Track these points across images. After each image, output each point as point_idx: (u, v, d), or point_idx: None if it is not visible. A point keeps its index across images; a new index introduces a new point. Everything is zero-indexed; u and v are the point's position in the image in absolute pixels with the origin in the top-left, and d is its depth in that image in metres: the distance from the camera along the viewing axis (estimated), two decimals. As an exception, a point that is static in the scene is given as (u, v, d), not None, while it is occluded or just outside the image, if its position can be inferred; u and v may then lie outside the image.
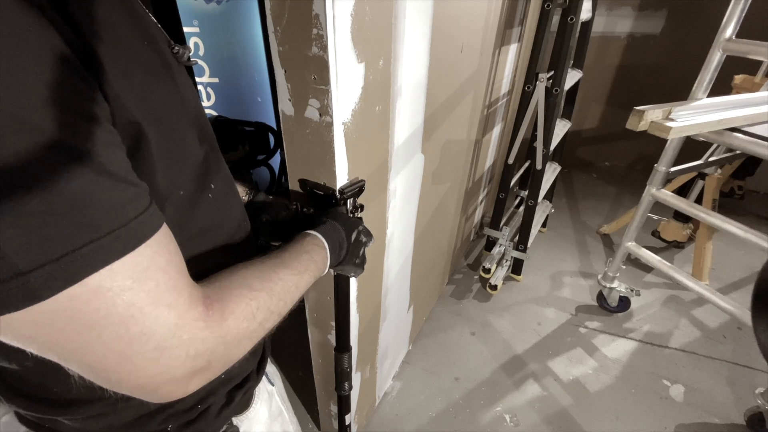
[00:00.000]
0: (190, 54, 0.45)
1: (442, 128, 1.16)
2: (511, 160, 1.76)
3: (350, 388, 0.85)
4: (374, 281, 1.00)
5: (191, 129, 0.38)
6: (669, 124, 1.13)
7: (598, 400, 1.45)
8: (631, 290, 1.73)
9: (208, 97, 2.27)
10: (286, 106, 0.66)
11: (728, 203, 2.54)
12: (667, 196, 1.44)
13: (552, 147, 1.68)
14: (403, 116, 0.87)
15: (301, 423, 1.40)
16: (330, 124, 0.63)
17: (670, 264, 1.52)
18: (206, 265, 0.42)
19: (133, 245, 0.27)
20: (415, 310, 1.50)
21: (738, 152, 1.67)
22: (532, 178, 1.71)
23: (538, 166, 1.67)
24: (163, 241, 0.30)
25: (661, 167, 1.44)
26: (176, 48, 0.38)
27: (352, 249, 0.60)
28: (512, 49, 1.72)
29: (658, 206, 1.55)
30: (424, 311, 1.69)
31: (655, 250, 2.17)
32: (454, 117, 1.25)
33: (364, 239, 0.63)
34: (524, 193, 2.25)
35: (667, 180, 1.51)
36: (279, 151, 1.87)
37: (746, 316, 1.34)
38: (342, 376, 0.83)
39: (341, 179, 0.69)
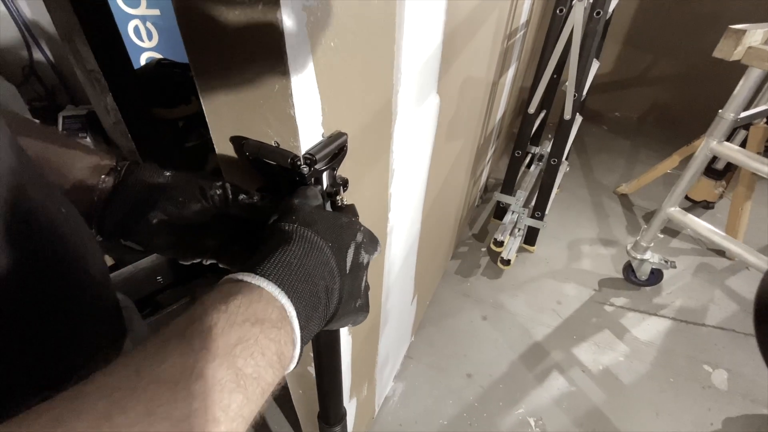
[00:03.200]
0: None
1: (461, 59, 0.81)
2: (532, 109, 1.42)
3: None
4: (372, 289, 0.69)
5: None
6: (775, 50, 0.81)
7: (633, 393, 1.24)
8: (666, 261, 1.48)
9: (149, 36, 1.80)
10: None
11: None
12: (733, 151, 1.15)
13: (585, 90, 1.34)
14: (413, 26, 0.52)
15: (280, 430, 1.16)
16: (274, 5, 0.28)
17: (723, 234, 1.27)
18: None
19: None
20: (419, 299, 1.22)
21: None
22: (558, 131, 1.39)
23: (567, 116, 1.34)
24: None
25: (728, 114, 1.13)
26: None
27: (348, 284, 0.29)
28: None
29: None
30: (427, 296, 1.41)
31: (679, 212, 1.93)
32: (476, 44, 0.90)
33: (365, 258, 0.31)
34: (536, 150, 1.94)
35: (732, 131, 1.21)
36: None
37: None
38: None
39: (309, 134, 0.35)
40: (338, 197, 0.37)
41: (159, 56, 1.78)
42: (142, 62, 1.80)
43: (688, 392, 1.25)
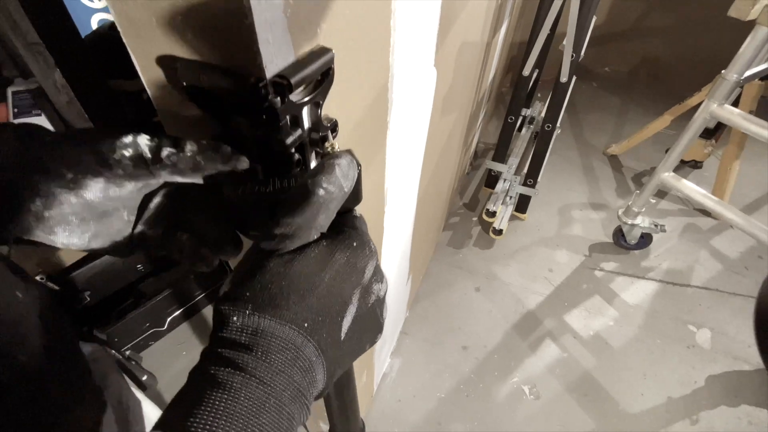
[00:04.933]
0: None
1: (458, 23, 0.73)
2: (527, 71, 1.34)
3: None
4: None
5: None
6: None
7: (622, 356, 1.28)
8: (656, 225, 1.49)
9: (98, -9, 1.59)
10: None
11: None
12: (734, 115, 1.11)
13: (583, 50, 1.26)
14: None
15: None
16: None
17: (717, 199, 1.26)
18: None
19: None
20: (413, 276, 1.20)
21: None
22: (553, 95, 1.32)
23: (564, 78, 1.27)
24: None
25: (732, 75, 1.08)
26: None
27: (349, 346, 0.24)
28: None
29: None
30: (421, 271, 1.39)
31: (667, 172, 1.93)
32: (473, 3, 0.80)
33: (375, 295, 0.26)
34: (527, 112, 1.87)
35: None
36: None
37: None
38: None
39: (272, 51, 0.21)
40: (327, 145, 0.26)
41: (110, 17, 1.59)
42: (94, 26, 1.60)
43: (674, 353, 1.29)
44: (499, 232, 1.53)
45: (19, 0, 0.85)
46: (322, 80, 0.25)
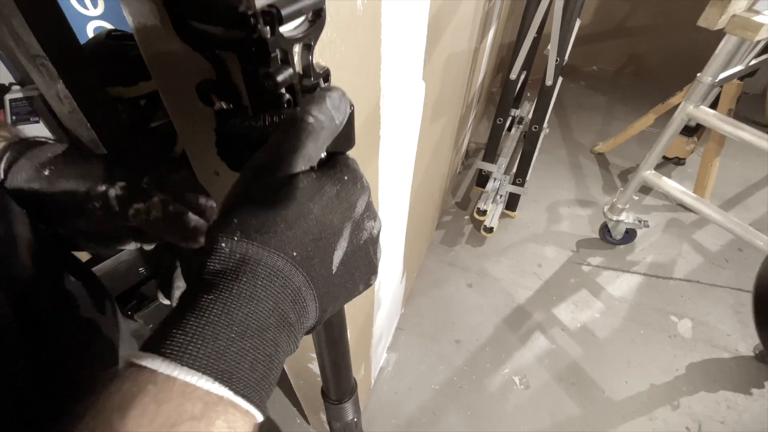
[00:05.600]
0: None
1: (445, 37, 0.77)
2: (514, 75, 1.39)
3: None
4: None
5: None
6: (758, 19, 0.80)
7: (608, 346, 1.34)
8: (639, 221, 1.55)
9: (94, 4, 1.61)
10: None
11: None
12: (709, 116, 1.17)
13: (567, 54, 1.31)
14: (397, 21, 0.48)
15: (287, 418, 1.21)
16: None
17: (695, 195, 1.32)
18: None
19: None
20: (408, 274, 1.25)
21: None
22: (540, 97, 1.37)
23: (549, 81, 1.32)
24: None
25: (707, 77, 1.14)
26: None
27: (341, 280, 0.24)
28: None
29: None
30: (415, 269, 1.44)
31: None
32: (459, 18, 0.85)
33: (367, 232, 0.25)
34: (516, 112, 1.92)
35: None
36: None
37: (749, 235, 1.21)
38: (346, 429, 0.57)
39: None
40: (321, 82, 0.26)
41: (108, 26, 1.61)
42: (90, 34, 1.62)
43: (657, 342, 1.36)
44: (490, 229, 1.59)
45: (22, 13, 0.88)
46: (314, 22, 0.24)
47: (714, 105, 1.70)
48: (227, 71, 0.24)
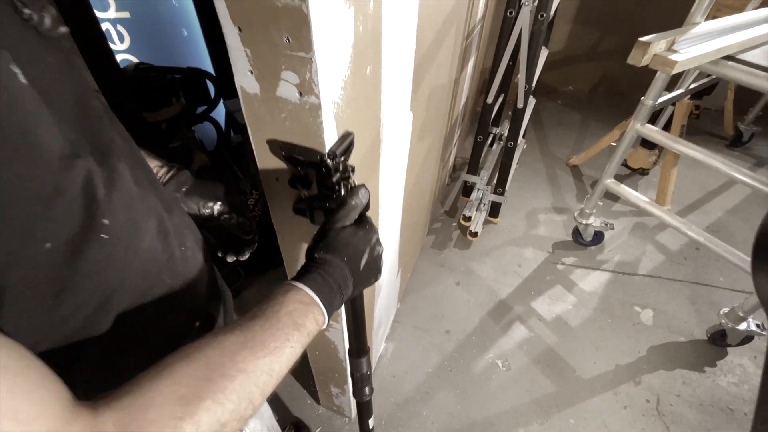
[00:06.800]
0: (54, 17, 0.30)
1: (429, 75, 0.98)
2: (490, 99, 1.61)
3: (371, 392, 0.77)
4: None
5: (59, 139, 0.27)
6: (674, 57, 1.03)
7: (579, 333, 1.53)
8: (606, 224, 1.76)
9: (121, 39, 1.82)
10: (246, 81, 0.47)
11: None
12: (653, 131, 1.39)
13: (534, 81, 1.54)
14: (390, 70, 0.69)
15: (298, 399, 1.37)
16: (316, 107, 0.45)
17: (648, 200, 1.54)
18: (115, 366, 0.35)
19: None
20: (402, 272, 1.43)
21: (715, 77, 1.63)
22: (513, 118, 1.59)
23: (520, 104, 1.54)
24: None
25: (648, 101, 1.37)
26: (27, 13, 0.27)
27: (364, 274, 0.46)
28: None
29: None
30: (409, 268, 1.63)
31: (620, 178, 2.22)
32: (440, 58, 1.06)
33: (378, 251, 0.49)
34: (496, 130, 2.14)
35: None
36: (222, 101, 1.59)
37: (703, 237, 1.41)
38: (362, 381, 0.75)
39: (329, 139, 0.49)
40: (350, 180, 0.51)
41: (134, 59, 1.81)
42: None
43: (622, 329, 1.54)
44: (475, 234, 1.79)
45: (82, 53, 1.08)
46: (349, 148, 0.51)
47: (668, 122, 1.94)
48: (307, 174, 0.51)
